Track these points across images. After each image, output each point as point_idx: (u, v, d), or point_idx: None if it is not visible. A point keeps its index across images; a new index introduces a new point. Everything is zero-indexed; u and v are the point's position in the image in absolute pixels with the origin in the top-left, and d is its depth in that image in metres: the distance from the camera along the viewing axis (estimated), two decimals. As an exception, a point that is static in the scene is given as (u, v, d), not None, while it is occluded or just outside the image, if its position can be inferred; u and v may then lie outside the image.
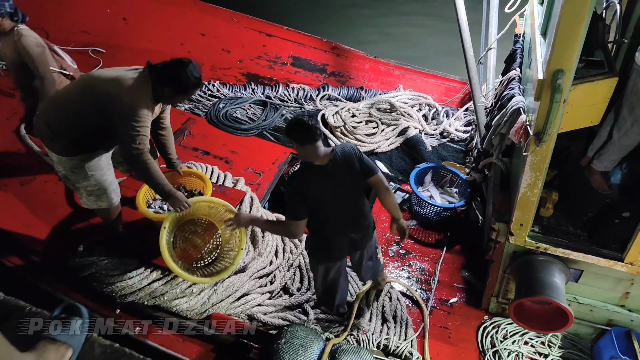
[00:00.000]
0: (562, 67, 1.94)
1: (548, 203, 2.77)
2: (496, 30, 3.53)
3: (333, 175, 2.40)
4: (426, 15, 7.71)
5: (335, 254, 2.67)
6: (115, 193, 2.87)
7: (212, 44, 5.41)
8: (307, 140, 2.28)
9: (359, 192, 2.56)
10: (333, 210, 2.48)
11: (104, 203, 2.85)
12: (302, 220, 2.41)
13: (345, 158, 2.42)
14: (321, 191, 2.40)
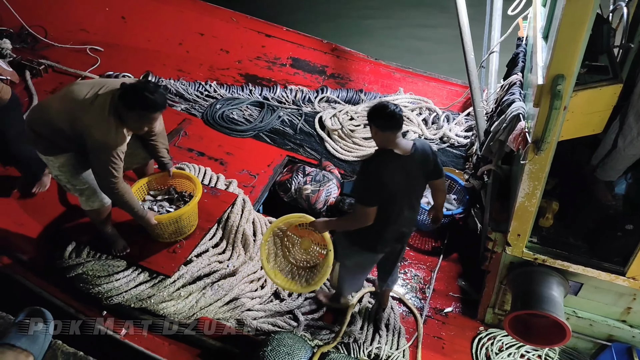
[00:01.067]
0: (563, 72, 1.86)
1: (548, 213, 2.68)
2: (499, 33, 3.45)
3: (409, 168, 2.39)
4: (429, 17, 7.64)
5: (382, 244, 2.58)
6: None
7: (211, 43, 5.35)
8: (389, 127, 2.28)
9: (422, 189, 2.61)
10: (399, 201, 2.45)
11: (95, 203, 2.81)
12: (375, 207, 2.36)
13: (424, 154, 2.43)
14: (397, 179, 2.37)
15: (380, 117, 2.28)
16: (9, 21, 5.03)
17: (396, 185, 2.38)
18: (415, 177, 2.46)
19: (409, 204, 2.50)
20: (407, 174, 2.40)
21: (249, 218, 3.40)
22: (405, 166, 2.37)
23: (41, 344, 1.33)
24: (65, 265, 2.86)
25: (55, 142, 2.63)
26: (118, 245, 2.96)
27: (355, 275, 2.84)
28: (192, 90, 4.88)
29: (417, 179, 2.49)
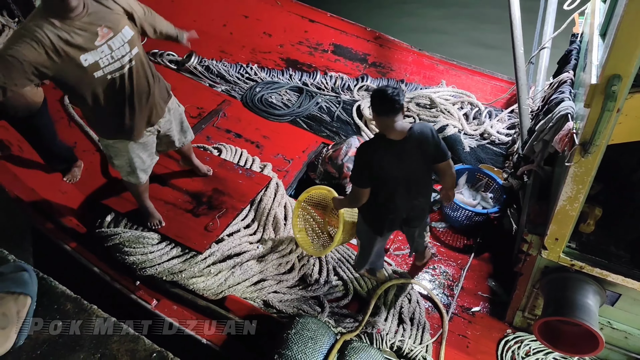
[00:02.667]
0: (619, 72, 1.77)
1: (589, 219, 2.58)
2: (552, 28, 3.30)
3: (402, 153, 2.38)
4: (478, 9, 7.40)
5: (385, 227, 2.66)
6: (144, 173, 2.86)
7: (254, 26, 5.37)
8: (383, 111, 2.30)
9: (426, 174, 2.58)
10: (393, 185, 2.48)
11: (132, 179, 2.86)
12: (364, 188, 2.47)
13: (421, 139, 2.39)
14: (386, 165, 2.40)
15: (376, 102, 2.31)
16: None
17: (387, 169, 2.42)
18: (412, 161, 2.44)
19: (406, 188, 2.52)
20: (401, 158, 2.41)
21: (281, 202, 3.43)
22: (398, 150, 2.38)
23: (33, 287, 1.47)
24: (104, 235, 2.96)
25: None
26: (154, 219, 3.04)
27: (365, 249, 2.90)
28: (233, 72, 4.93)
29: (416, 163, 2.46)
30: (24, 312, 1.49)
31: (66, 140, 3.90)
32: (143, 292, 2.83)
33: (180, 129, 3.02)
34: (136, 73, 2.46)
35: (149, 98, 2.60)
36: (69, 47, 2.16)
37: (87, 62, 2.23)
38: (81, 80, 2.28)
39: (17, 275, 1.54)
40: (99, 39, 2.24)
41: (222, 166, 3.58)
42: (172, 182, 3.41)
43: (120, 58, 2.35)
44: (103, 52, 2.27)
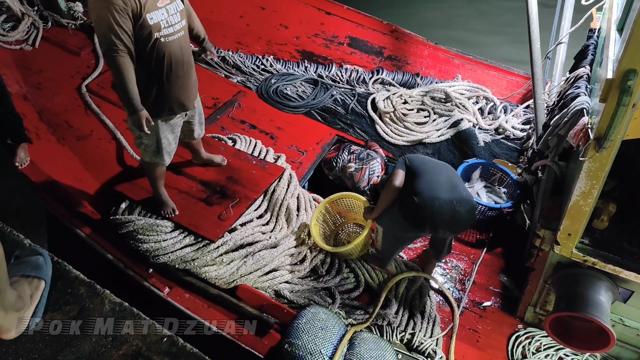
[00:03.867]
0: (635, 67, 1.74)
1: (603, 215, 2.55)
2: (569, 23, 3.25)
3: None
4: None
5: (428, 223, 2.64)
6: (168, 155, 2.92)
7: (271, 18, 5.39)
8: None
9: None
10: (429, 171, 2.71)
11: (157, 159, 2.90)
12: (402, 169, 2.75)
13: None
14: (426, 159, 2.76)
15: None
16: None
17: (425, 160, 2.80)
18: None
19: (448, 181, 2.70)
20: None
21: (294, 193, 3.45)
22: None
23: (46, 270, 1.51)
24: (118, 222, 3.03)
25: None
26: (167, 207, 3.09)
27: (394, 243, 2.94)
28: (249, 63, 4.95)
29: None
30: (38, 295, 1.54)
31: (82, 128, 3.99)
32: (156, 279, 2.88)
33: (200, 120, 3.10)
34: (185, 44, 2.63)
35: (189, 78, 2.73)
36: (139, 5, 2.35)
37: (152, 21, 2.42)
38: (146, 39, 2.44)
39: (33, 259, 1.59)
40: (161, 1, 2.43)
41: (236, 156, 3.61)
42: (187, 171, 3.46)
43: (174, 24, 2.52)
44: (163, 15, 2.46)
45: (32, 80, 4.40)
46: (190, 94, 2.79)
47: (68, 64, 4.65)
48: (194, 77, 2.80)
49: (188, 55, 2.67)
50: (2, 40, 4.64)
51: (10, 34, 4.71)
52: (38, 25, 4.88)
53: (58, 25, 5.02)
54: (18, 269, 1.59)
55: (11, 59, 4.58)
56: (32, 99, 4.19)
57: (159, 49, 2.49)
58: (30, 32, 4.84)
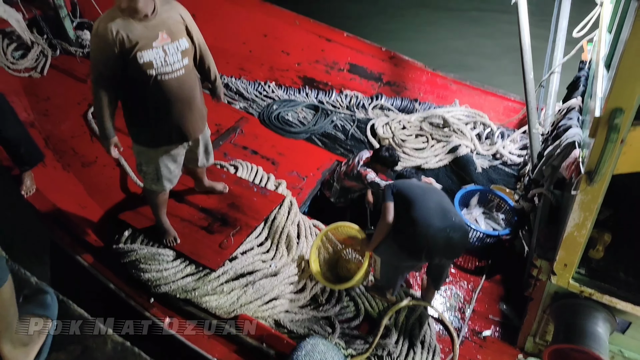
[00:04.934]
0: (621, 106, 1.80)
1: (598, 244, 2.58)
2: (562, 53, 3.33)
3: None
4: (493, 31, 7.45)
5: (423, 251, 2.68)
6: (169, 182, 2.97)
7: (273, 45, 5.51)
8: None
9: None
10: (421, 196, 2.76)
11: (156, 187, 2.97)
12: (391, 201, 2.80)
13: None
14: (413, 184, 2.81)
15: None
16: (89, 13, 5.39)
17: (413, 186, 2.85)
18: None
19: (438, 205, 2.76)
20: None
21: (294, 220, 3.49)
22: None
23: (54, 309, 1.57)
24: (121, 251, 3.07)
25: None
26: (169, 235, 3.14)
27: (393, 273, 2.96)
28: (251, 90, 5.05)
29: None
30: (45, 332, 1.60)
31: (87, 155, 4.07)
32: (157, 309, 2.91)
33: (205, 150, 3.15)
34: (184, 82, 2.67)
35: (190, 111, 2.77)
36: (129, 42, 2.42)
37: (143, 59, 2.47)
38: (137, 75, 2.52)
39: (40, 297, 1.66)
40: (158, 41, 2.49)
41: (238, 184, 3.67)
42: (189, 198, 3.51)
43: (172, 63, 2.57)
44: (158, 54, 2.51)
45: (40, 108, 4.50)
46: (191, 127, 2.83)
47: (75, 91, 4.75)
48: (196, 112, 2.83)
49: (189, 91, 2.70)
50: (11, 68, 4.76)
51: (19, 62, 4.84)
52: (47, 53, 5.01)
53: (66, 53, 5.15)
54: (27, 308, 1.65)
55: (20, 86, 4.69)
56: (39, 126, 4.28)
57: (153, 86, 2.56)
58: (39, 60, 4.97)
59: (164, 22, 2.52)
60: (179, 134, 2.82)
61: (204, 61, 2.87)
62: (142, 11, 2.43)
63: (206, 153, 3.19)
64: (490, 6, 7.78)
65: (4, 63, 4.75)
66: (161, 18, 2.51)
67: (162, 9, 2.53)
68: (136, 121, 2.75)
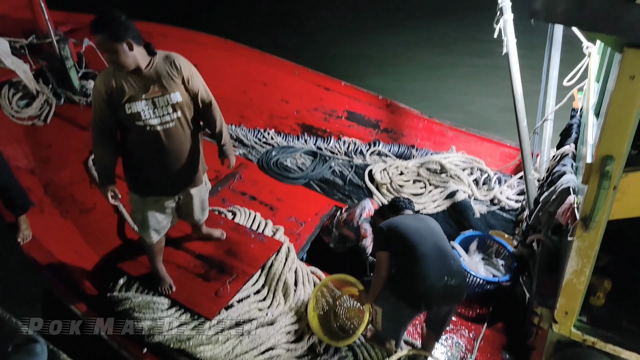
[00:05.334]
0: (612, 153, 1.83)
1: (599, 291, 2.54)
2: (554, 101, 3.42)
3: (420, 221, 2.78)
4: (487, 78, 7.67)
5: (422, 300, 2.62)
6: (156, 233, 2.97)
7: (273, 93, 5.65)
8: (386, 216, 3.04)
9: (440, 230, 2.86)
10: (419, 244, 2.66)
11: (145, 235, 2.97)
12: (386, 251, 2.72)
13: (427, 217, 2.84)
14: (406, 226, 2.73)
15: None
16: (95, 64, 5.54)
17: (406, 228, 2.73)
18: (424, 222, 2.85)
19: (434, 246, 2.69)
20: (414, 220, 2.81)
21: (292, 267, 3.46)
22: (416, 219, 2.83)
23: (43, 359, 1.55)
24: (115, 299, 3.02)
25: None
26: (165, 283, 3.10)
27: (393, 324, 2.88)
28: (251, 137, 5.14)
29: (427, 223, 2.85)
30: None
31: (86, 202, 4.08)
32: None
33: (201, 207, 3.15)
34: (173, 135, 2.66)
35: (177, 165, 2.76)
36: (118, 93, 2.51)
37: (130, 110, 2.53)
38: (128, 125, 2.60)
39: (30, 346, 1.63)
40: (148, 94, 2.55)
41: (235, 230, 3.66)
42: (186, 245, 3.50)
43: (161, 116, 2.61)
44: (147, 106, 2.56)
45: (41, 155, 4.57)
46: (179, 182, 2.84)
47: (77, 138, 4.83)
48: (186, 166, 2.80)
49: (178, 146, 2.70)
50: (15, 116, 4.87)
51: (24, 111, 4.96)
52: (51, 102, 5.14)
53: (70, 102, 5.28)
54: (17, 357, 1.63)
55: (22, 134, 4.79)
56: (39, 173, 4.32)
57: (139, 137, 2.61)
58: (43, 108, 5.09)
59: (158, 76, 2.56)
60: (167, 187, 2.84)
61: (208, 116, 2.81)
62: (126, 66, 2.46)
63: (202, 209, 3.18)
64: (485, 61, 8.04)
65: (9, 112, 4.87)
66: (156, 71, 2.56)
67: (159, 62, 2.58)
68: (127, 168, 2.81)
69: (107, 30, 2.35)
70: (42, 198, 4.05)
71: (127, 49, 2.40)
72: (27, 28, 5.24)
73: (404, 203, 3.06)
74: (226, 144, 2.93)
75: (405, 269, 2.64)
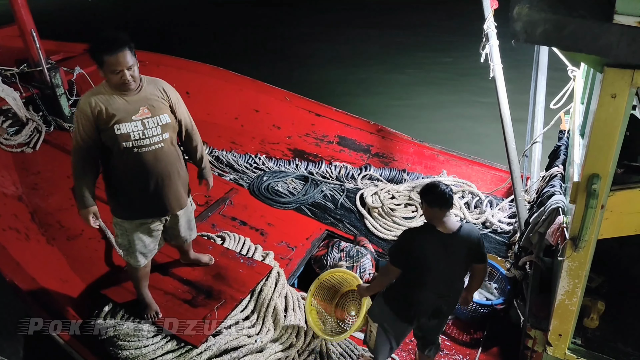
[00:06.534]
0: (597, 172, 1.83)
1: (592, 313, 2.51)
2: (542, 124, 3.46)
3: (449, 246, 2.50)
4: (475, 102, 7.79)
5: (414, 314, 2.66)
6: (143, 257, 2.92)
7: (264, 119, 5.69)
8: (436, 204, 2.45)
9: (463, 270, 2.68)
10: (432, 275, 2.54)
11: (131, 260, 2.93)
12: (397, 268, 2.56)
13: (469, 238, 2.53)
14: (430, 254, 2.49)
15: (430, 194, 2.48)
16: (85, 91, 5.57)
17: (427, 255, 2.50)
18: (455, 257, 2.53)
19: (445, 280, 2.58)
20: (446, 251, 2.50)
21: (281, 292, 3.40)
22: (445, 243, 2.49)
23: None
24: (99, 327, 2.94)
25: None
26: (151, 310, 3.03)
27: (386, 340, 2.82)
28: (242, 162, 5.13)
29: (458, 260, 2.56)
30: None
31: (73, 228, 4.02)
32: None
33: (188, 226, 3.11)
34: (161, 157, 2.68)
35: (167, 186, 2.76)
36: (107, 114, 2.50)
37: (120, 131, 2.53)
38: (114, 146, 2.57)
39: None
40: (137, 115, 2.56)
41: (224, 255, 3.61)
42: (173, 271, 3.43)
43: (151, 137, 2.61)
44: (136, 127, 2.56)
45: (29, 181, 4.52)
46: (167, 203, 2.81)
47: (66, 165, 4.74)
48: (174, 187, 2.80)
49: (166, 166, 2.70)
50: (5, 143, 4.84)
51: (13, 138, 4.93)
52: (41, 129, 5.12)
53: (60, 129, 5.27)
54: None
55: (11, 161, 4.75)
56: (26, 199, 4.27)
57: (128, 158, 2.60)
58: (33, 135, 5.07)
59: (147, 98, 2.61)
60: (155, 209, 2.81)
61: (190, 140, 2.90)
62: (132, 87, 2.54)
63: (189, 229, 3.14)
64: (471, 88, 8.19)
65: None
66: (145, 94, 2.61)
67: (147, 86, 2.63)
68: (112, 192, 2.77)
69: (127, 44, 2.43)
70: (29, 225, 3.98)
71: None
72: (20, 56, 5.28)
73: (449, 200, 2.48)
74: (206, 167, 3.06)
75: (405, 284, 2.61)
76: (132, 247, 2.84)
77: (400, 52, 10.28)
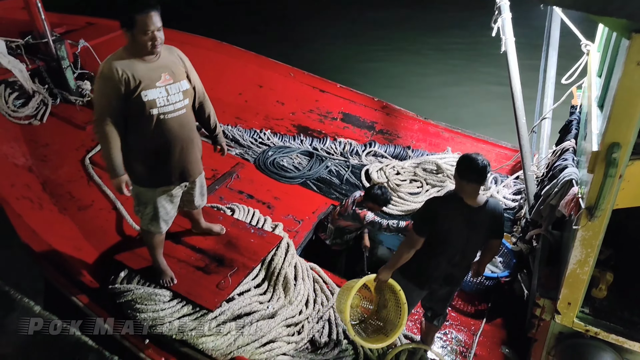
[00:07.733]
0: (618, 141, 1.88)
1: (601, 284, 2.59)
2: (552, 100, 3.49)
3: (473, 219, 2.52)
4: (482, 80, 7.81)
5: (428, 280, 2.73)
6: (165, 224, 2.96)
7: (268, 95, 5.67)
8: (473, 179, 2.44)
9: (480, 243, 2.70)
10: (452, 245, 2.59)
11: (153, 227, 2.95)
12: (422, 237, 2.55)
13: (493, 213, 2.57)
14: (453, 225, 2.52)
15: (468, 168, 2.45)
16: (90, 65, 5.51)
17: (452, 228, 2.53)
18: (476, 230, 2.57)
19: (462, 250, 2.62)
20: (468, 224, 2.54)
21: (291, 262, 3.45)
22: (469, 216, 2.52)
23: None
24: (116, 291, 2.99)
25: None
26: (166, 276, 3.07)
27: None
28: (247, 137, 5.14)
29: (478, 233, 2.59)
30: None
31: (83, 199, 4.03)
32: (152, 351, 2.80)
33: (201, 192, 3.16)
34: (185, 122, 2.72)
35: (190, 151, 2.81)
36: (134, 81, 2.50)
37: (147, 98, 2.53)
38: (140, 114, 2.57)
39: None
40: (161, 81, 2.58)
41: (235, 225, 3.64)
42: (186, 240, 3.47)
43: (174, 103, 2.64)
44: (161, 93, 2.58)
45: (38, 153, 4.50)
46: (189, 169, 2.85)
47: (74, 137, 4.78)
48: (195, 153, 2.86)
49: (188, 132, 2.76)
50: (12, 115, 4.81)
51: (20, 110, 4.89)
52: (47, 102, 5.08)
53: (66, 101, 5.23)
54: None
55: (19, 133, 4.71)
56: (36, 171, 4.26)
57: (155, 125, 2.61)
58: (40, 108, 5.03)
59: (167, 65, 2.62)
60: (179, 174, 2.84)
61: (203, 107, 2.93)
62: (158, 50, 2.55)
63: (201, 195, 3.19)
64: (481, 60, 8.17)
65: (5, 111, 4.81)
66: (164, 61, 2.62)
67: (164, 53, 2.64)
68: (136, 161, 2.76)
69: (157, 6, 2.45)
70: (41, 195, 3.98)
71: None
72: (24, 29, 5.19)
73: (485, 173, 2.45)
74: (219, 133, 3.11)
75: (421, 251, 2.63)
76: (156, 214, 2.87)
77: (409, 29, 10.20)
